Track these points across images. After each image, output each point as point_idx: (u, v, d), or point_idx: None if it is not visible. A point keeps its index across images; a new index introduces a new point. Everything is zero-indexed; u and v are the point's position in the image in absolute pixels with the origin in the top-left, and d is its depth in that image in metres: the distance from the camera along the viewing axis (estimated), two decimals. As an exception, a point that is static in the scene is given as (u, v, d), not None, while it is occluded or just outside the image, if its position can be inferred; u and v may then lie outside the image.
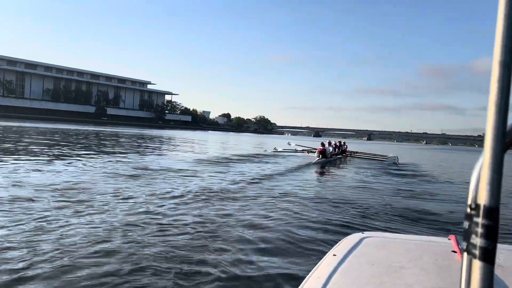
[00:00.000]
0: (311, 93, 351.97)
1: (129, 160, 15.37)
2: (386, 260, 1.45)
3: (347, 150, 26.93)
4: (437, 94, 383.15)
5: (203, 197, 8.23)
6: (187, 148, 27.77)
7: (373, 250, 1.58)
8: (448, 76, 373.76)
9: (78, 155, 16.02)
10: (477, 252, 0.53)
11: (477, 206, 0.54)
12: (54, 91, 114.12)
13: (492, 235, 0.52)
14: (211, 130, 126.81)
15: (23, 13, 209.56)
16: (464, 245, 0.55)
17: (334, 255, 1.51)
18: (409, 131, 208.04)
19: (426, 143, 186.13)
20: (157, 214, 6.45)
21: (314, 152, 21.55)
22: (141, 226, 5.61)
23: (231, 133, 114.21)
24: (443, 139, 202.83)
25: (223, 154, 21.87)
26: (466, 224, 0.55)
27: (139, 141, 32.58)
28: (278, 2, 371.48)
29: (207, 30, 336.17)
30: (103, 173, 10.92)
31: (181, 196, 8.18)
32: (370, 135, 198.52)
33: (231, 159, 18.74)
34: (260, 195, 9.02)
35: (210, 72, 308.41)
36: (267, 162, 18.13)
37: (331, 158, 21.63)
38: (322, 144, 21.18)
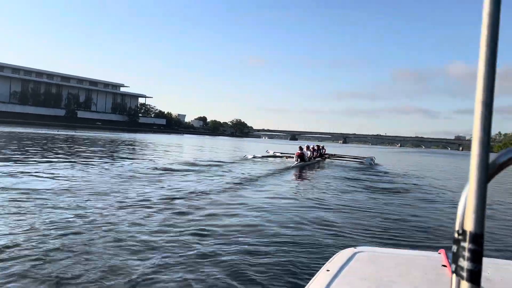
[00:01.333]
0: (287, 96, 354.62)
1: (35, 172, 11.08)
2: (379, 275, 1.50)
3: (325, 153, 27.21)
4: (412, 98, 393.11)
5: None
6: (144, 154, 24.65)
7: (365, 265, 1.62)
8: (422, 80, 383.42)
9: None
10: (464, 274, 0.56)
11: (464, 232, 0.57)
12: (22, 94, 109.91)
13: (477, 259, 0.56)
14: (187, 133, 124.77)
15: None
16: (453, 267, 0.59)
17: (327, 270, 1.54)
18: (383, 134, 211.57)
19: (400, 146, 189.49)
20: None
21: (293, 157, 21.25)
22: None
23: (207, 136, 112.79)
24: (416, 142, 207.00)
25: (192, 160, 20.65)
26: (454, 248, 0.59)
27: (90, 146, 27.57)
28: (254, 4, 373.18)
29: (182, 32, 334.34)
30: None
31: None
32: (345, 138, 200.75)
33: (192, 167, 17.41)
34: (234, 203, 8.06)
35: (185, 75, 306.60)
36: (243, 168, 17.21)
37: (309, 161, 21.63)
38: (300, 148, 21.23)
